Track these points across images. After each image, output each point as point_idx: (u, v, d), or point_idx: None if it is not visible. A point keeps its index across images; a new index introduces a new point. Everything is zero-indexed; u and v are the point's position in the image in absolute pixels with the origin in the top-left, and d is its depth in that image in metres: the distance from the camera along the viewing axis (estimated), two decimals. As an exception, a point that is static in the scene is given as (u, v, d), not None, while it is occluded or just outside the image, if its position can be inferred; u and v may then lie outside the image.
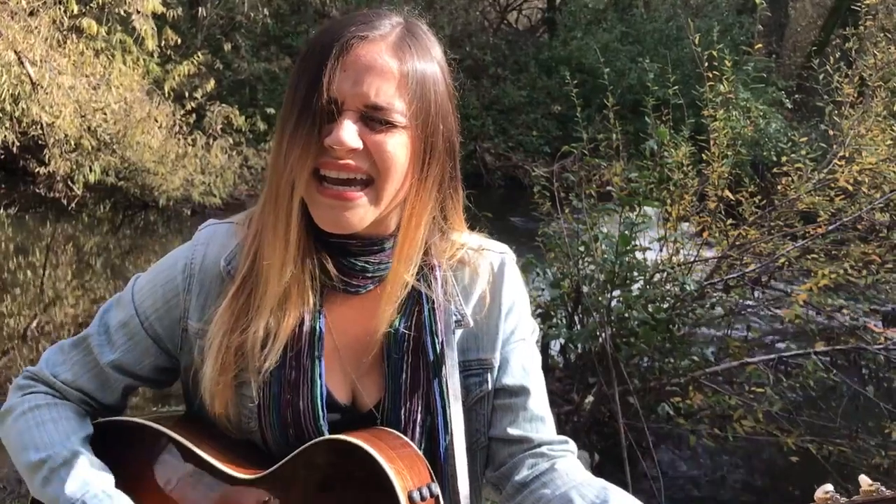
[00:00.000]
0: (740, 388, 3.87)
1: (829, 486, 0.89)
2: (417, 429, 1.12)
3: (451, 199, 1.18)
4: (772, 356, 3.82)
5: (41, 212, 10.23)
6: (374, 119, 1.05)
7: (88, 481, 1.10)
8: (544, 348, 4.30)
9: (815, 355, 3.59)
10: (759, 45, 5.28)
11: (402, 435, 1.10)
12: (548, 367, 4.21)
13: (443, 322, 1.15)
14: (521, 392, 1.21)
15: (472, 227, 1.27)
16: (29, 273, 8.27)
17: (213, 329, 1.11)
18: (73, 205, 9.84)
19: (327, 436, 1.08)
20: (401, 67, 1.06)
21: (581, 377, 3.79)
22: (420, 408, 1.13)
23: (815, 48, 13.47)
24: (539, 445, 1.19)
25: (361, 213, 1.07)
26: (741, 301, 4.29)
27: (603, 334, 3.46)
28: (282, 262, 1.08)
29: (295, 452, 1.07)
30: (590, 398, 3.66)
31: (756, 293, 4.32)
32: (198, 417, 1.20)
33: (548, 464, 1.17)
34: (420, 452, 1.09)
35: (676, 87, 4.49)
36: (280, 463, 1.08)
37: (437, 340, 1.14)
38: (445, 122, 1.12)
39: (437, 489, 1.06)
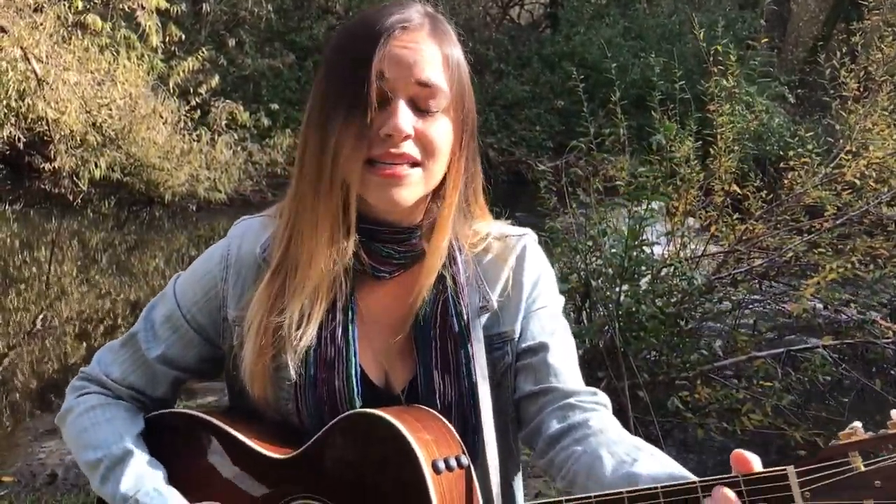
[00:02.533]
0: (748, 382, 3.88)
1: (856, 423, 0.90)
2: (453, 410, 1.14)
3: (472, 180, 1.21)
4: (780, 350, 3.83)
5: (46, 208, 10.25)
6: (423, 105, 1.09)
7: (142, 478, 1.14)
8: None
9: (823, 349, 3.60)
10: (766, 39, 5.28)
11: (432, 410, 1.12)
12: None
13: (466, 303, 1.17)
14: (541, 348, 1.22)
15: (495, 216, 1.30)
16: (34, 269, 8.29)
17: (252, 312, 1.15)
18: (78, 200, 9.87)
19: (355, 411, 1.10)
20: (442, 51, 1.12)
21: (590, 371, 3.79)
22: (450, 387, 1.15)
23: (819, 43, 13.45)
24: (565, 396, 1.18)
25: (413, 190, 1.11)
26: (748, 295, 4.30)
27: (611, 328, 3.47)
28: (323, 246, 1.11)
29: (324, 429, 1.10)
30: (599, 392, 3.67)
31: (763, 287, 4.33)
32: (240, 405, 1.24)
33: (580, 417, 1.16)
34: (450, 425, 1.10)
35: (681, 82, 4.50)
36: (311, 440, 1.11)
37: (462, 321, 1.16)
38: (472, 104, 1.18)
39: (466, 460, 1.07)
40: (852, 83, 4.86)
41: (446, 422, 1.11)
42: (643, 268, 3.78)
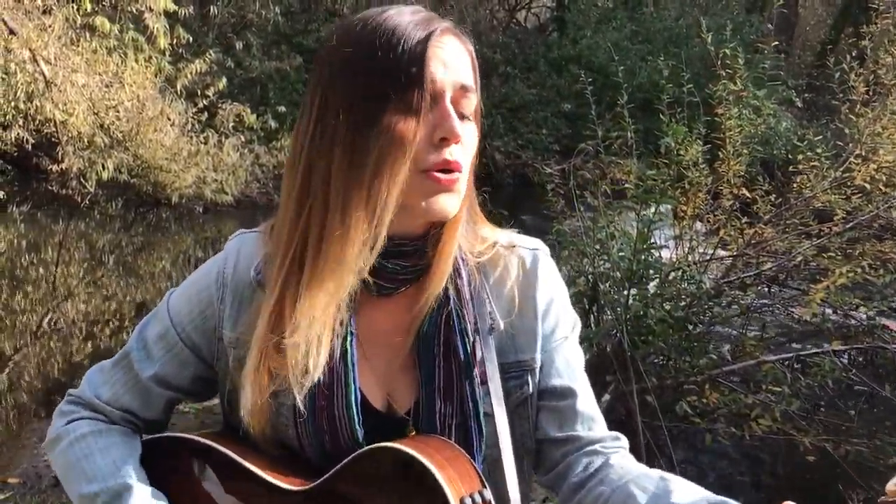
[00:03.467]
0: (757, 387, 3.85)
1: None
2: (454, 432, 1.09)
3: (472, 188, 1.16)
4: (789, 355, 3.81)
5: (54, 209, 10.29)
6: (460, 108, 1.04)
7: None
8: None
9: (833, 354, 3.58)
10: (776, 42, 5.26)
11: (449, 440, 1.07)
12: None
13: (472, 321, 1.12)
14: (569, 394, 1.17)
15: (498, 225, 1.24)
16: (41, 270, 8.32)
17: (255, 336, 1.06)
18: (85, 202, 9.90)
19: (376, 444, 1.04)
20: (468, 49, 1.08)
21: (598, 375, 3.78)
22: (454, 411, 1.09)
23: (829, 46, 13.42)
24: (591, 443, 1.15)
25: (459, 199, 1.06)
26: (757, 300, 4.28)
27: (619, 332, 3.46)
28: (351, 260, 1.02)
29: (344, 462, 1.04)
30: (606, 396, 3.66)
31: (772, 292, 4.30)
32: (235, 430, 1.17)
33: (601, 460, 1.13)
34: (468, 457, 1.05)
35: (689, 85, 4.48)
36: (329, 473, 1.05)
37: (467, 341, 1.10)
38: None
39: (489, 494, 1.02)
40: (861, 87, 4.83)
41: (465, 453, 1.05)
42: (651, 271, 3.77)
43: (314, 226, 1.04)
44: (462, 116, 1.05)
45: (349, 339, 1.09)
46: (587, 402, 1.19)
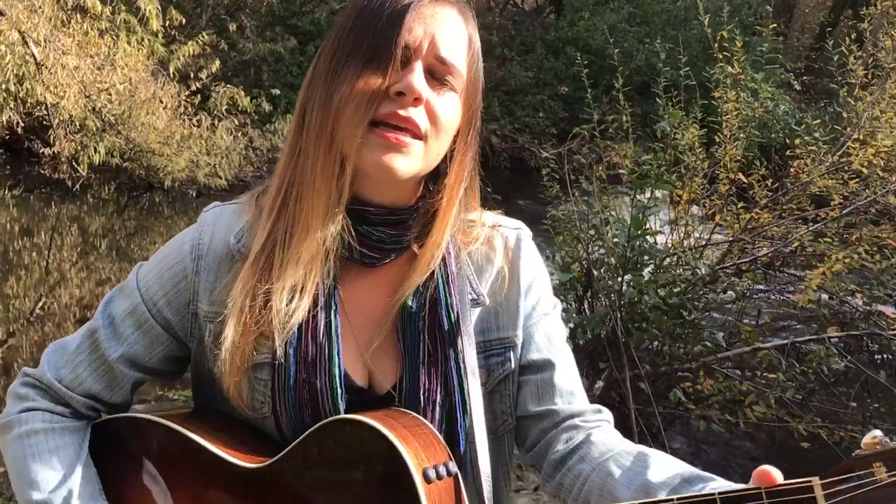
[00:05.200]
0: (752, 374, 3.83)
1: (877, 432, 0.85)
2: (437, 409, 1.07)
3: (473, 180, 1.17)
4: (784, 341, 3.79)
5: (46, 193, 10.21)
6: (438, 76, 1.05)
7: None
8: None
9: (828, 341, 3.55)
10: (774, 25, 5.20)
11: (417, 415, 1.05)
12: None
13: (457, 296, 1.11)
14: (547, 366, 1.17)
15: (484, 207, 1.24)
16: (34, 254, 8.27)
17: (236, 290, 1.06)
18: (77, 186, 9.82)
19: (336, 417, 1.03)
20: (468, 32, 1.09)
21: (591, 362, 3.76)
22: (438, 387, 1.08)
23: (827, 29, 13.34)
24: (571, 417, 1.15)
25: (411, 163, 1.04)
26: (753, 285, 4.25)
27: (613, 319, 3.43)
28: (320, 212, 1.04)
29: (303, 436, 1.02)
30: (600, 383, 3.63)
31: (768, 277, 4.28)
32: (207, 411, 1.16)
33: (582, 435, 1.12)
34: (436, 432, 1.04)
35: (686, 68, 4.44)
36: (289, 447, 1.03)
37: (451, 315, 1.10)
38: (481, 101, 1.14)
39: (454, 468, 1.01)
40: (860, 70, 4.79)
41: (432, 427, 1.04)
42: (646, 257, 3.73)
43: (296, 174, 1.07)
44: (439, 84, 1.05)
45: (334, 309, 1.08)
46: (567, 375, 1.18)
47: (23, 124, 9.06)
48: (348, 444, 1.00)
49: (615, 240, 3.73)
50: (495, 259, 1.18)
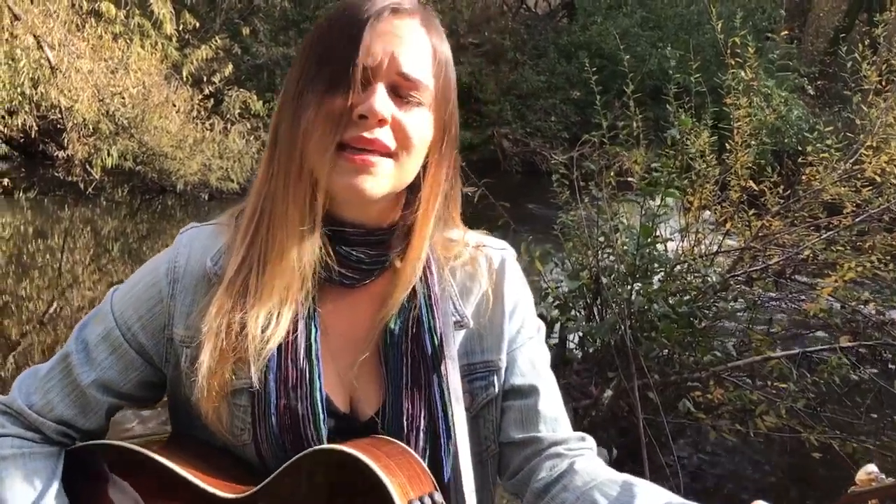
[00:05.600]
0: (762, 383, 3.80)
1: (872, 467, 0.84)
2: (421, 435, 1.05)
3: (452, 189, 1.14)
4: (795, 351, 3.74)
5: (60, 195, 10.29)
6: (403, 93, 1.02)
7: None
8: (562, 341, 4.24)
9: (840, 350, 3.51)
10: (786, 32, 5.16)
11: (401, 443, 1.03)
12: (566, 360, 4.16)
13: (440, 318, 1.09)
14: (531, 392, 1.15)
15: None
16: (47, 256, 8.32)
17: (210, 315, 1.03)
18: (90, 189, 9.88)
19: (318, 446, 1.01)
20: (432, 43, 1.05)
21: (600, 370, 3.73)
22: (422, 412, 1.06)
23: (841, 34, 13.24)
24: (555, 444, 1.13)
25: (382, 182, 1.02)
26: (764, 294, 4.21)
27: (622, 327, 3.40)
28: (293, 237, 1.02)
29: (284, 466, 0.99)
30: (608, 392, 3.60)
31: (779, 285, 4.23)
32: (185, 438, 1.13)
33: (566, 464, 1.10)
34: (421, 460, 1.02)
35: (698, 74, 4.41)
36: (269, 478, 1.00)
37: (435, 338, 1.08)
38: (456, 108, 1.11)
39: (440, 498, 0.99)
40: (873, 76, 4.74)
41: (416, 456, 1.02)
42: (656, 265, 3.70)
43: (269, 198, 1.05)
44: (404, 101, 1.02)
45: (314, 332, 1.06)
46: (551, 402, 1.16)
47: (37, 127, 9.12)
48: (332, 476, 0.97)
49: (624, 248, 3.71)
50: (480, 280, 1.16)
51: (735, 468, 4.04)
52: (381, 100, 0.99)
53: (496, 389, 1.14)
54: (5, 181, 8.64)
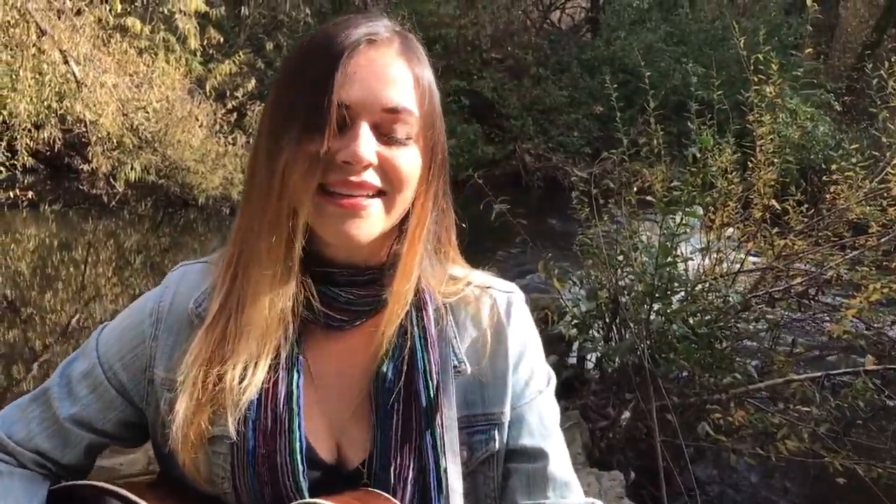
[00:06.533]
0: (785, 405, 3.71)
1: None
2: (409, 488, 0.99)
3: (443, 217, 1.08)
4: (819, 374, 3.66)
5: (84, 208, 10.41)
6: (387, 129, 0.96)
7: None
8: (580, 361, 4.20)
9: (865, 373, 3.43)
10: (809, 50, 5.09)
11: (389, 497, 0.98)
12: (583, 381, 4.10)
13: (437, 363, 1.02)
14: (540, 456, 1.07)
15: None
16: (71, 268, 8.41)
17: (187, 362, 0.99)
18: (114, 202, 9.98)
19: (306, 500, 0.96)
20: (412, 72, 0.99)
21: (618, 391, 3.67)
22: (412, 464, 0.99)
23: (867, 50, 13.10)
24: None
25: (373, 224, 0.97)
26: (787, 314, 4.13)
27: (641, 348, 3.35)
28: (268, 284, 0.97)
29: None
30: (626, 414, 3.55)
31: (802, 306, 4.15)
32: (171, 480, 1.09)
33: None
34: None
35: (721, 91, 4.35)
36: None
37: (430, 384, 1.01)
38: (442, 131, 1.05)
39: None
40: (901, 92, 4.66)
41: None
42: (676, 285, 3.65)
43: (246, 242, 1.01)
44: (390, 140, 0.97)
45: (296, 379, 1.00)
46: (561, 464, 1.09)
47: (63, 141, 9.22)
48: None
49: (643, 267, 3.66)
50: (481, 324, 1.08)
51: (756, 493, 3.96)
52: (365, 143, 0.94)
53: (497, 445, 1.06)
54: (30, 194, 8.74)
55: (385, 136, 0.96)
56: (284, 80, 0.99)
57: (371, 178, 0.95)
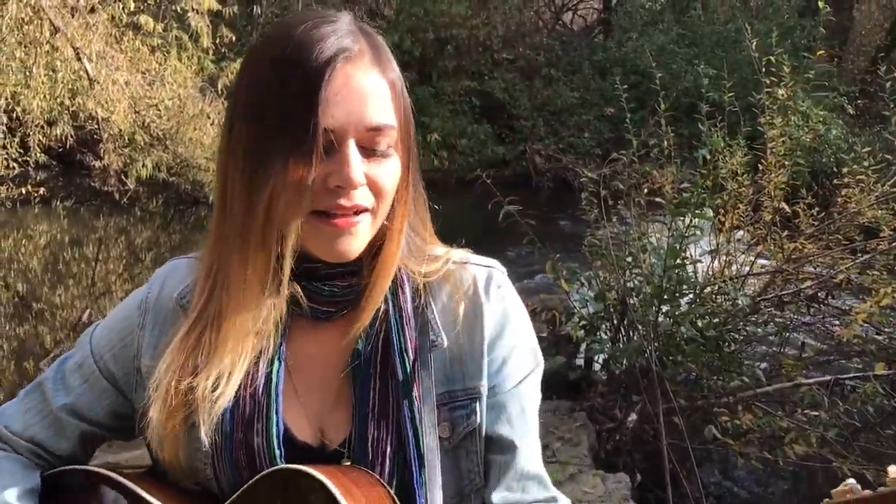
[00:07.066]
0: (793, 409, 3.70)
1: (850, 481, 0.85)
2: (388, 462, 1.00)
3: (419, 202, 1.09)
4: (827, 378, 3.65)
5: (96, 205, 10.46)
6: (371, 145, 0.96)
7: None
8: (587, 362, 4.19)
9: (875, 378, 3.40)
10: (822, 53, 5.06)
11: (371, 472, 0.99)
12: (590, 382, 4.10)
13: (413, 339, 1.04)
14: (511, 448, 1.08)
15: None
16: (82, 265, 8.46)
17: (161, 369, 1.01)
18: (125, 199, 10.03)
19: (281, 465, 0.97)
20: (388, 80, 0.99)
21: (625, 393, 3.67)
22: (389, 437, 1.01)
23: (880, 53, 13.02)
24: None
25: (363, 238, 0.99)
26: (796, 317, 4.11)
27: (648, 350, 3.34)
28: (252, 302, 0.99)
29: (243, 488, 0.97)
30: (633, 416, 3.54)
31: (812, 310, 4.13)
32: (160, 472, 1.11)
33: None
34: (391, 491, 0.98)
35: (732, 93, 4.34)
36: (231, 498, 0.98)
37: (406, 359, 1.02)
38: (412, 123, 1.05)
39: None
40: (914, 96, 4.63)
41: (387, 487, 0.98)
42: (684, 287, 3.63)
43: (224, 261, 1.00)
44: (373, 154, 0.97)
45: (277, 366, 1.03)
46: (531, 459, 1.10)
47: (75, 138, 9.26)
48: (289, 496, 0.95)
49: (652, 269, 3.65)
50: (460, 298, 1.08)
51: (763, 497, 3.94)
52: (356, 166, 0.94)
53: (478, 419, 1.07)
54: (42, 190, 8.79)
55: (369, 150, 0.97)
56: (260, 90, 0.96)
57: (362, 198, 0.96)
